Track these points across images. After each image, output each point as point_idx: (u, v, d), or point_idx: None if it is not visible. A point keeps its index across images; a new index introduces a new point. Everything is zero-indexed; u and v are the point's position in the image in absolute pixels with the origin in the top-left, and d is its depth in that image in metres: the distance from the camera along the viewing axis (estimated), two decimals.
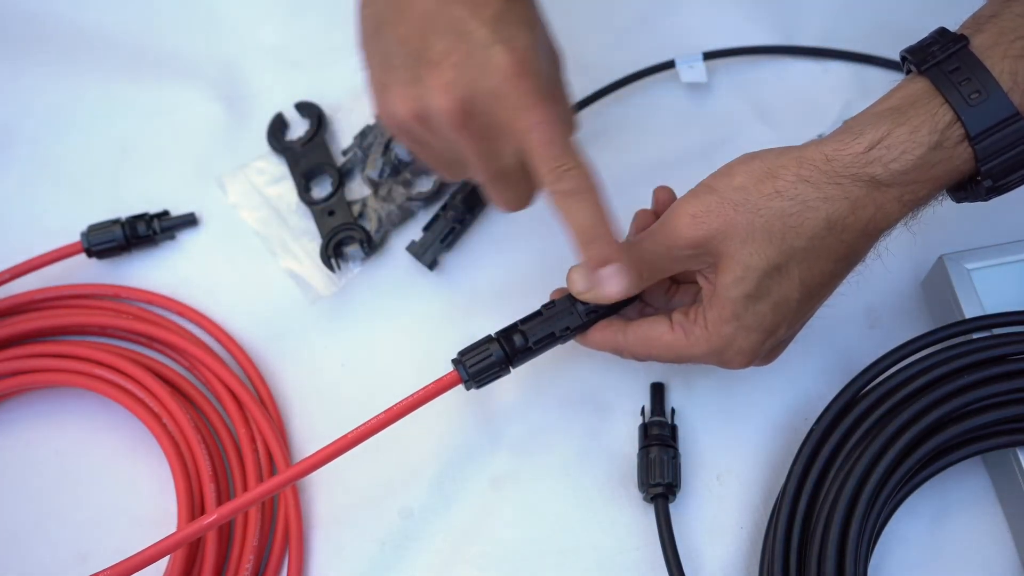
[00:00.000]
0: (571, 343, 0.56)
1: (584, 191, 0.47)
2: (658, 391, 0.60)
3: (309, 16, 0.75)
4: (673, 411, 0.60)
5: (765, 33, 0.73)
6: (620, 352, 0.54)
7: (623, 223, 0.62)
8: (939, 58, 0.45)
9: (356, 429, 0.53)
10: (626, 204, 0.66)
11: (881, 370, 0.55)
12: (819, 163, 0.46)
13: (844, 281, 0.51)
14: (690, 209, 0.48)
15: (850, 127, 0.47)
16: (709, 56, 0.70)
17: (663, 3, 0.75)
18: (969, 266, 0.58)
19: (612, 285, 0.49)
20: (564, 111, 0.49)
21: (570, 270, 0.52)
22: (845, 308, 0.63)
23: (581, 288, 0.51)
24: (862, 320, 0.63)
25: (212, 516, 0.50)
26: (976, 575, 0.56)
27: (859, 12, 0.74)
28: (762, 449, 0.59)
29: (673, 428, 0.59)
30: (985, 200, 0.47)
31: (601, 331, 0.54)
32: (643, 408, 0.60)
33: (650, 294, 0.56)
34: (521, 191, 0.50)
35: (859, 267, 0.50)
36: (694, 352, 0.51)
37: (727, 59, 0.71)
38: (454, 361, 0.54)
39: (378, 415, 0.53)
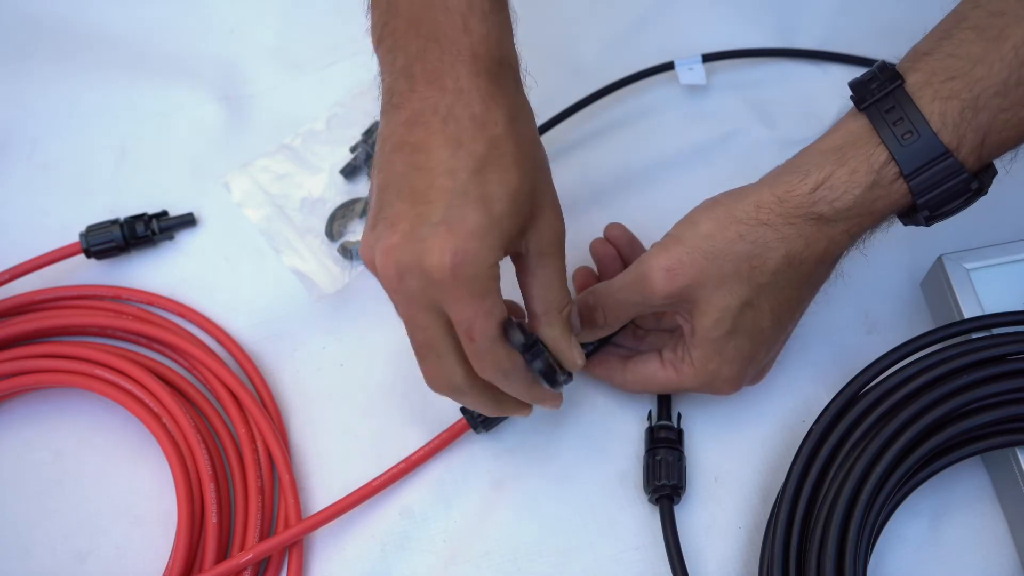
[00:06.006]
0: None
1: (507, 376, 0.50)
2: (665, 397, 0.60)
3: (309, 16, 0.76)
4: (679, 416, 0.60)
5: (764, 35, 0.73)
6: (619, 387, 0.60)
7: (625, 222, 0.62)
8: (876, 96, 0.49)
9: (369, 484, 0.58)
10: (626, 205, 0.67)
11: (880, 370, 0.55)
12: (773, 206, 0.50)
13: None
14: (663, 263, 0.52)
15: (797, 166, 0.51)
16: (708, 58, 0.70)
17: (662, 5, 0.75)
18: (968, 266, 0.59)
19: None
20: (496, 290, 0.48)
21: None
22: (844, 309, 0.63)
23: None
24: (861, 321, 0.63)
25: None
26: (975, 575, 0.56)
27: (858, 15, 0.74)
28: (761, 450, 0.60)
29: (679, 432, 0.59)
30: (927, 226, 0.50)
31: (599, 367, 0.59)
32: (650, 412, 0.60)
33: (643, 320, 0.60)
34: (448, 370, 0.49)
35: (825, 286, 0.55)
36: (685, 386, 0.56)
37: (726, 61, 0.71)
38: (462, 410, 0.59)
39: (392, 468, 0.58)
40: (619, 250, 0.62)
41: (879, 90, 0.49)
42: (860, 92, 0.50)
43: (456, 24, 0.47)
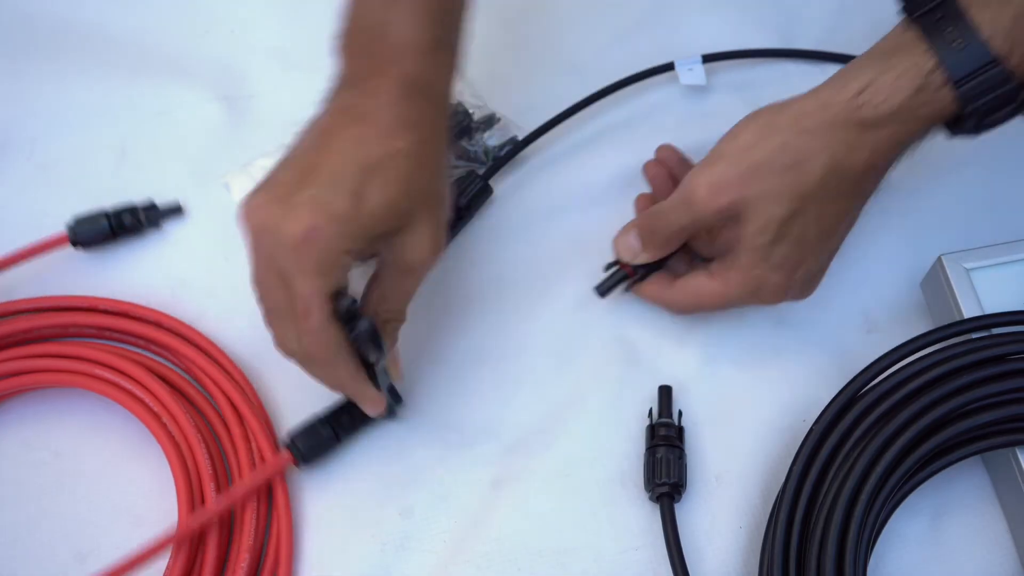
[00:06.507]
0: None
1: (332, 359, 0.51)
2: (665, 393, 0.60)
3: (309, 16, 0.75)
4: (680, 413, 0.60)
5: (764, 36, 0.73)
6: (669, 306, 0.60)
7: (625, 221, 0.62)
8: (927, 7, 0.49)
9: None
10: (627, 205, 0.67)
11: (880, 370, 0.55)
12: (815, 113, 0.51)
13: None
14: (706, 179, 0.53)
15: (843, 73, 0.51)
16: (708, 59, 0.71)
17: (662, 5, 0.75)
18: (968, 266, 0.59)
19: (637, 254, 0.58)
20: (339, 277, 0.50)
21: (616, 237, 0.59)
22: (844, 309, 0.63)
23: (627, 259, 0.59)
24: (861, 321, 0.63)
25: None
26: (975, 574, 0.56)
27: (857, 15, 0.74)
28: (761, 449, 0.60)
29: (680, 430, 0.59)
30: (976, 135, 0.51)
31: (650, 287, 0.60)
32: (650, 410, 0.60)
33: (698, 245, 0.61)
34: (291, 337, 0.51)
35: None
36: (732, 295, 0.57)
37: (726, 62, 0.71)
38: (287, 444, 0.58)
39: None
40: (670, 170, 0.64)
41: (929, 1, 0.49)
42: (911, 4, 0.50)
43: (394, 54, 0.51)
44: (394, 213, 0.50)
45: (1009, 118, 0.50)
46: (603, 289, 0.61)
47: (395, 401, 0.58)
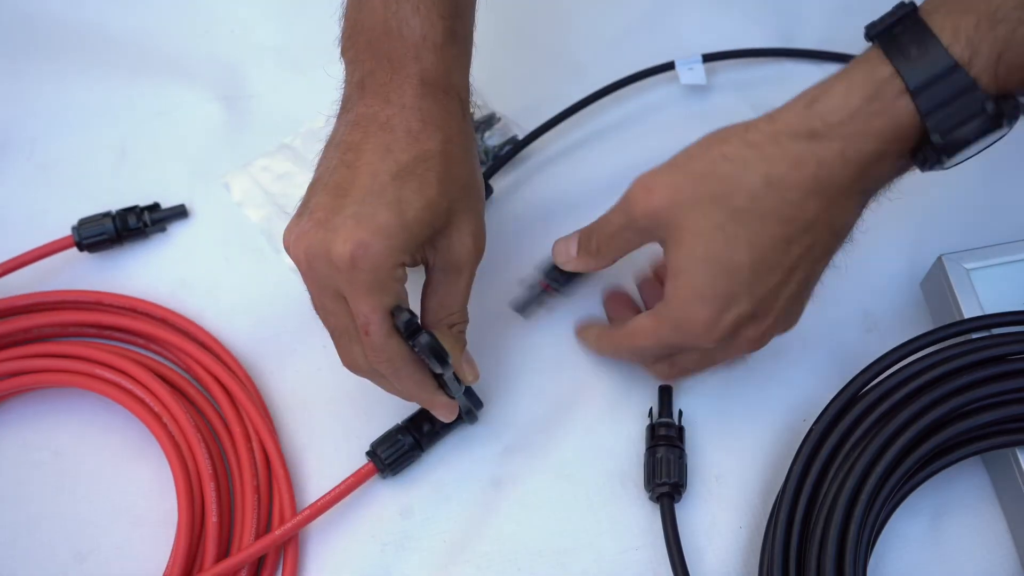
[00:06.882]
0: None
1: (398, 372, 0.51)
2: (666, 393, 0.60)
3: (309, 16, 0.76)
4: (680, 413, 0.60)
5: (764, 35, 0.73)
6: (606, 349, 0.59)
7: None
8: (887, 23, 0.46)
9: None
10: None
11: (880, 370, 0.55)
12: (763, 125, 0.47)
13: (827, 265, 0.51)
14: (644, 181, 0.50)
15: (801, 93, 0.48)
16: (708, 58, 0.71)
17: (663, 5, 0.75)
18: (968, 266, 0.59)
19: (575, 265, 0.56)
20: (396, 290, 0.50)
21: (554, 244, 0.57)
22: (844, 309, 0.63)
23: (561, 261, 0.57)
24: (861, 321, 0.63)
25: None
26: (975, 574, 0.56)
27: (858, 15, 0.73)
28: (761, 449, 0.59)
29: (680, 429, 0.59)
30: (944, 166, 0.46)
31: (592, 329, 0.59)
32: (651, 409, 0.60)
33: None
34: (357, 354, 0.52)
35: (841, 252, 0.50)
36: (663, 331, 0.52)
37: (726, 61, 0.71)
38: (368, 453, 0.58)
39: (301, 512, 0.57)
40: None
41: (889, 17, 0.46)
42: (873, 26, 0.47)
43: (409, 52, 0.50)
44: (435, 214, 0.50)
45: (981, 135, 0.44)
46: (520, 306, 0.59)
47: (474, 405, 0.58)
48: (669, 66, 0.70)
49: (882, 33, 0.46)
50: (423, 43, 0.50)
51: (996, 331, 0.56)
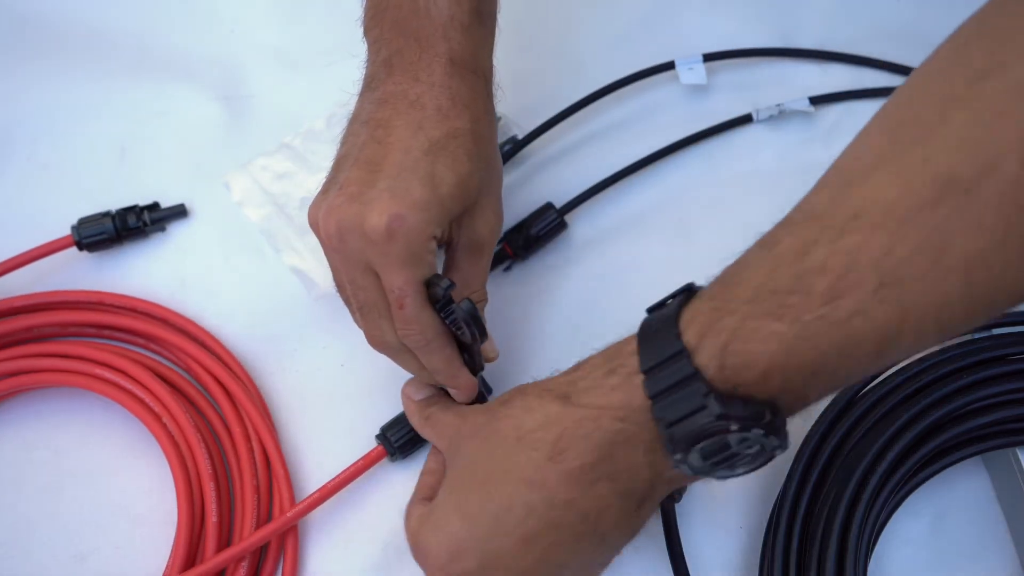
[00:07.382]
0: None
1: (429, 344, 0.50)
2: None
3: (309, 17, 0.76)
4: None
5: (765, 35, 0.73)
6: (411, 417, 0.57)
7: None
8: (671, 295, 0.43)
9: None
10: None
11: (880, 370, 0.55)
12: (544, 382, 0.46)
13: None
14: (444, 431, 0.51)
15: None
16: (709, 58, 0.70)
17: (663, 4, 0.75)
18: None
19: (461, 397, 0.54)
20: (430, 263, 0.49)
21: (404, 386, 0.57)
22: None
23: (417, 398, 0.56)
24: None
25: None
26: (975, 575, 0.56)
27: (858, 14, 0.74)
28: None
29: None
30: (698, 470, 0.40)
31: (416, 392, 0.56)
32: None
33: None
34: (386, 330, 0.51)
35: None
36: (410, 522, 0.48)
37: (727, 61, 0.71)
38: (378, 437, 0.59)
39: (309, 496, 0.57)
40: None
41: (676, 290, 0.43)
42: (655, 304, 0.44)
43: (437, 32, 0.51)
44: (466, 191, 0.50)
45: (710, 440, 0.39)
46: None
47: (486, 390, 0.58)
48: (669, 66, 0.70)
49: (655, 306, 0.44)
50: (451, 23, 0.51)
51: (996, 331, 0.56)
